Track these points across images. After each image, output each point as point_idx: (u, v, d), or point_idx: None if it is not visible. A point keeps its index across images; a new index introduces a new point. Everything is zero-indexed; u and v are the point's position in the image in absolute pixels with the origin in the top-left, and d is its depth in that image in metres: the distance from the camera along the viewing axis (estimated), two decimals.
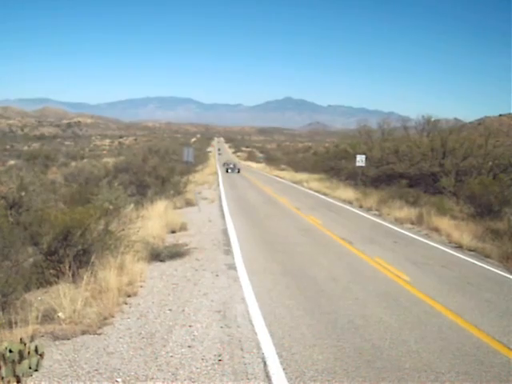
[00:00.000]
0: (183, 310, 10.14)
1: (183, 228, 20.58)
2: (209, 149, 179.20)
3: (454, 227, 21.94)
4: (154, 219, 19.59)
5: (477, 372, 7.76)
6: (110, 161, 64.52)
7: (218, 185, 48.39)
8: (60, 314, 8.80)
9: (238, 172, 77.95)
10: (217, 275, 13.28)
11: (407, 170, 41.31)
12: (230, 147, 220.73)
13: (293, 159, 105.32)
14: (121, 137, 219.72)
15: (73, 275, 10.60)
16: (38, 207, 16.15)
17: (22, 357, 5.83)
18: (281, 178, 66.69)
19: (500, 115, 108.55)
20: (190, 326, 9.17)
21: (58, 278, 10.70)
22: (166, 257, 14.79)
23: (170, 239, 17.86)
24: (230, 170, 79.74)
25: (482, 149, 37.25)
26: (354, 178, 45.67)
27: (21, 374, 5.75)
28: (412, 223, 25.24)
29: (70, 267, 10.68)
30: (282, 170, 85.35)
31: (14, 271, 10.08)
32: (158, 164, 39.90)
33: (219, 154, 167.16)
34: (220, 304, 10.71)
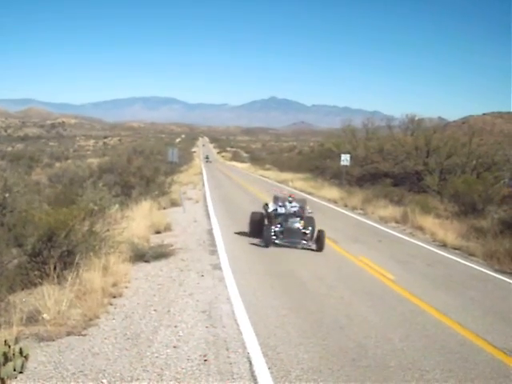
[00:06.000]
0: (168, 311, 10.13)
1: (168, 228, 20.53)
2: (194, 149, 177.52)
3: (439, 226, 22.06)
4: (138, 220, 19.51)
5: (461, 369, 7.82)
6: (94, 161, 64.17)
7: (203, 185, 48.30)
8: (45, 316, 8.76)
9: None
10: (202, 275, 13.27)
11: (391, 168, 41.50)
12: (214, 147, 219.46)
13: (278, 159, 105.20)
14: (105, 137, 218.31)
15: (57, 276, 10.53)
16: (23, 208, 16.05)
17: (6, 359, 5.81)
18: (266, 177, 66.55)
19: (484, 114, 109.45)
20: (175, 327, 9.16)
21: (42, 279, 10.64)
22: (150, 257, 14.74)
23: (155, 240, 17.81)
24: None
25: (466, 147, 37.46)
26: (338, 177, 45.72)
27: (5, 377, 5.73)
28: (397, 222, 25.34)
29: (54, 268, 10.62)
30: (267, 169, 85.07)
31: None
32: (143, 164, 39.75)
33: (207, 161, 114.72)
34: (205, 304, 10.70)
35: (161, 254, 15.23)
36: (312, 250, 17.44)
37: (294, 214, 18.40)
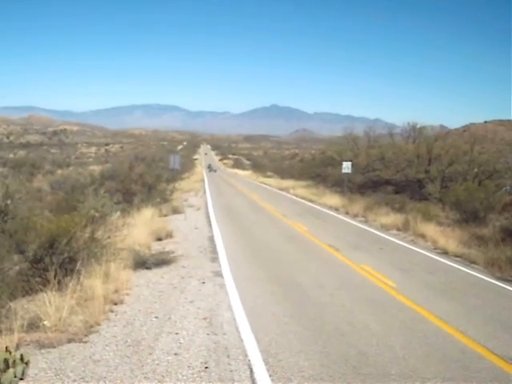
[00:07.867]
0: (169, 318, 10.13)
1: (169, 235, 20.54)
2: (195, 156, 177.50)
3: (440, 233, 22.01)
4: (140, 227, 19.53)
5: (462, 377, 7.79)
6: (96, 168, 64.21)
7: (205, 192, 48.31)
8: (45, 322, 8.76)
9: None
10: (203, 282, 13.28)
11: (393, 176, 41.43)
12: (216, 154, 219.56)
13: (279, 166, 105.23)
14: (107, 144, 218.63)
15: (58, 283, 10.53)
16: (24, 215, 16.06)
17: (7, 365, 5.82)
18: (267, 184, 66.58)
19: (485, 122, 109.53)
20: (176, 334, 9.16)
21: (43, 286, 10.63)
22: (152, 264, 14.75)
23: (157, 247, 17.82)
24: None
25: (468, 155, 37.46)
26: (340, 184, 45.65)
27: (6, 383, 5.73)
28: (398, 229, 25.28)
29: (55, 275, 10.63)
30: (269, 177, 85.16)
31: None
32: (145, 171, 39.78)
33: (211, 171, 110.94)
34: (206, 311, 10.70)
35: (162, 260, 15.24)
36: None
37: None
